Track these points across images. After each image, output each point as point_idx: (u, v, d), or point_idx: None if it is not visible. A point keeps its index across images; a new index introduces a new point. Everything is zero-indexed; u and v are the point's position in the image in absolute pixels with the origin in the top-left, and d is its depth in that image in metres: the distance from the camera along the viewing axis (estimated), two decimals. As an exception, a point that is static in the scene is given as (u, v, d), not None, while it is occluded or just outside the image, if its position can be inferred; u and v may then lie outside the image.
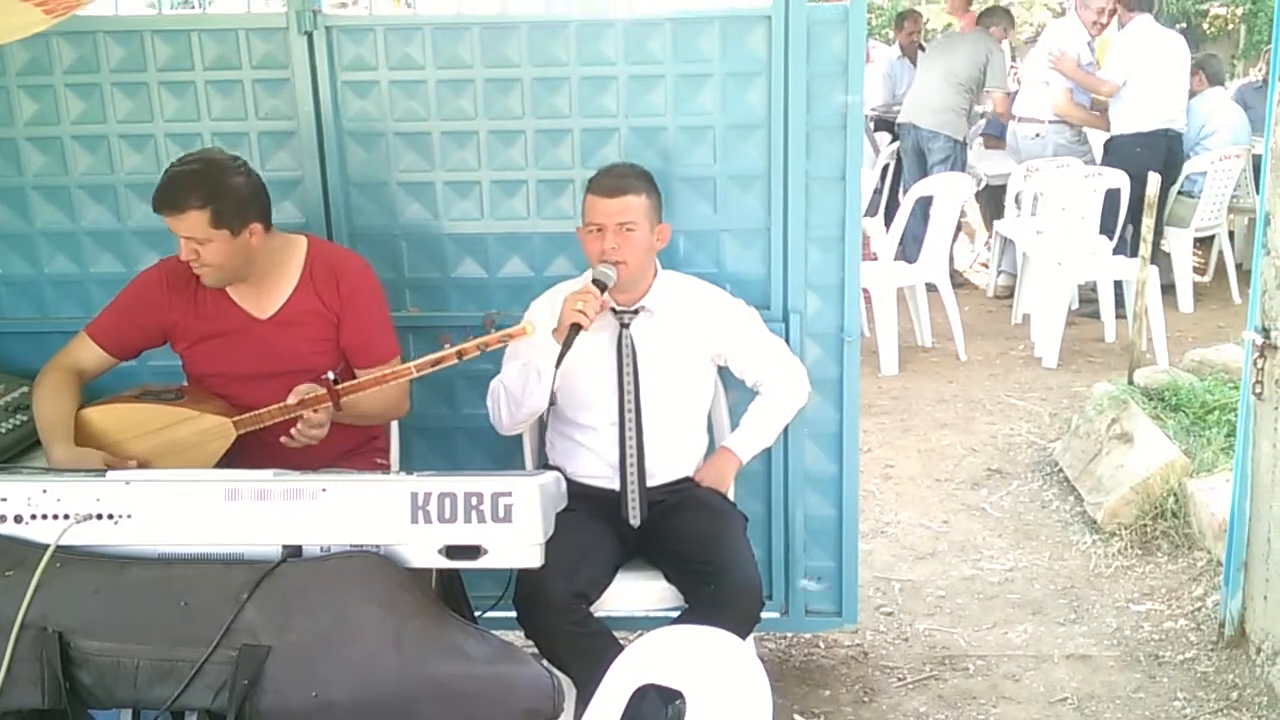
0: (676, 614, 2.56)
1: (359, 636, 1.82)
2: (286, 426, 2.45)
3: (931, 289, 5.89)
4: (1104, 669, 3.14)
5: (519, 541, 1.88)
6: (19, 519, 1.90)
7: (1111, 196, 5.93)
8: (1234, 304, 6.47)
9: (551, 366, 2.53)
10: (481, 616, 2.40)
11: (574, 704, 2.35)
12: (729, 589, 2.48)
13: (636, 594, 2.64)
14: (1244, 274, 6.46)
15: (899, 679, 3.12)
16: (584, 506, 2.53)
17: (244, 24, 2.87)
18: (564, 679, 2.24)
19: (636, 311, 2.70)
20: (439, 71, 2.85)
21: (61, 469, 2.38)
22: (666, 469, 2.74)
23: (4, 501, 1.91)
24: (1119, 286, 5.90)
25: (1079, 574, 3.66)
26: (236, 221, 2.46)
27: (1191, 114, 6.45)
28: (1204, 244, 7.01)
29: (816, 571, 3.09)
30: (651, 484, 2.70)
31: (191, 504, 1.90)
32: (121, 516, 1.90)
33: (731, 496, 2.80)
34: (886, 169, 7.36)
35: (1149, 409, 4.17)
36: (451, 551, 1.88)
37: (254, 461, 2.24)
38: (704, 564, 2.53)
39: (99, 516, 1.90)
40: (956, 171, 6.63)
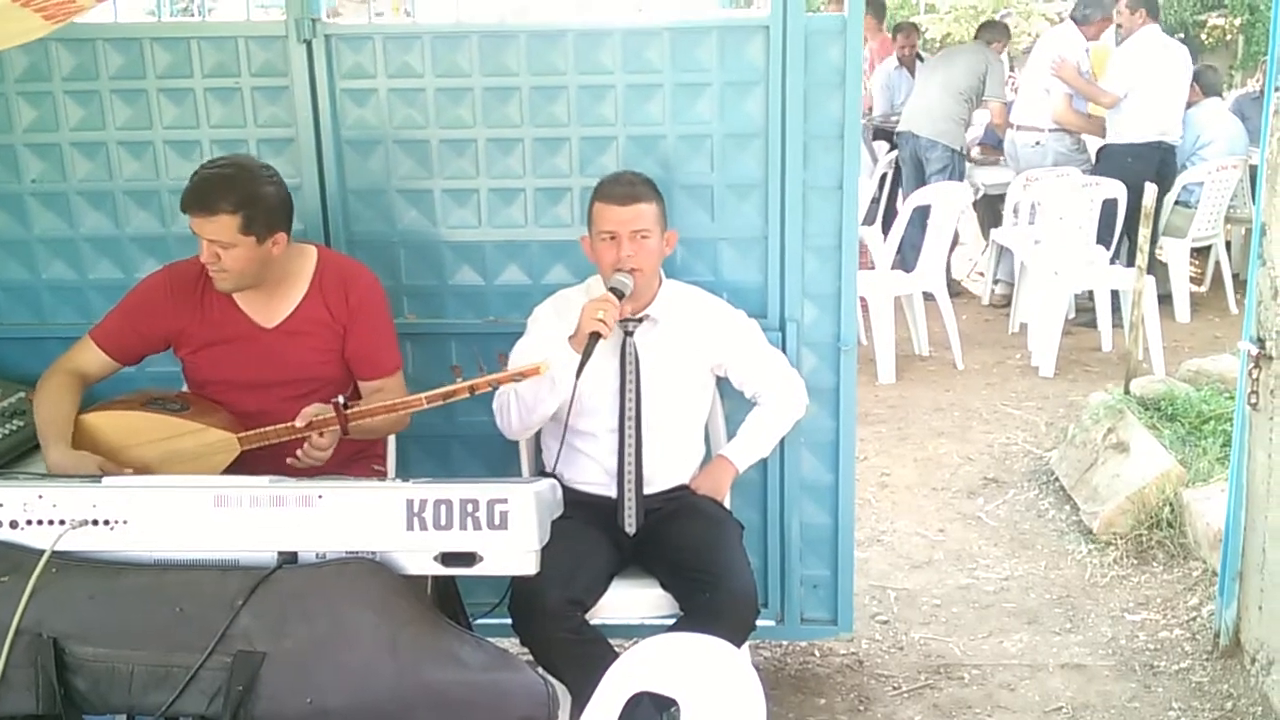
0: (672, 622, 2.56)
1: (354, 643, 1.82)
2: (291, 445, 2.44)
3: (929, 298, 5.90)
4: (1099, 678, 3.14)
5: (514, 549, 1.89)
6: (14, 524, 1.90)
7: (1109, 206, 5.94)
8: (1231, 314, 6.47)
9: (566, 374, 2.51)
10: (475, 622, 2.40)
11: (569, 711, 2.35)
12: (724, 597, 2.48)
13: (632, 601, 2.64)
14: (1240, 284, 6.46)
15: (894, 688, 3.12)
16: (580, 514, 2.53)
17: (243, 32, 2.87)
18: (559, 686, 2.24)
19: (641, 320, 2.69)
20: (438, 80, 2.86)
21: (59, 473, 2.38)
22: (664, 477, 2.74)
23: (0, 507, 1.91)
24: (1116, 296, 5.90)
25: (1074, 583, 3.66)
26: (264, 229, 2.46)
27: (1187, 124, 6.46)
28: (1201, 254, 7.01)
29: (813, 580, 3.10)
30: (648, 492, 2.70)
31: (187, 510, 1.90)
32: (117, 522, 1.90)
33: (728, 505, 2.80)
34: (885, 178, 7.37)
35: (1145, 419, 4.17)
36: (447, 558, 1.89)
37: (254, 474, 2.22)
38: (700, 572, 2.53)
39: (95, 522, 1.90)
40: (954, 181, 6.64)
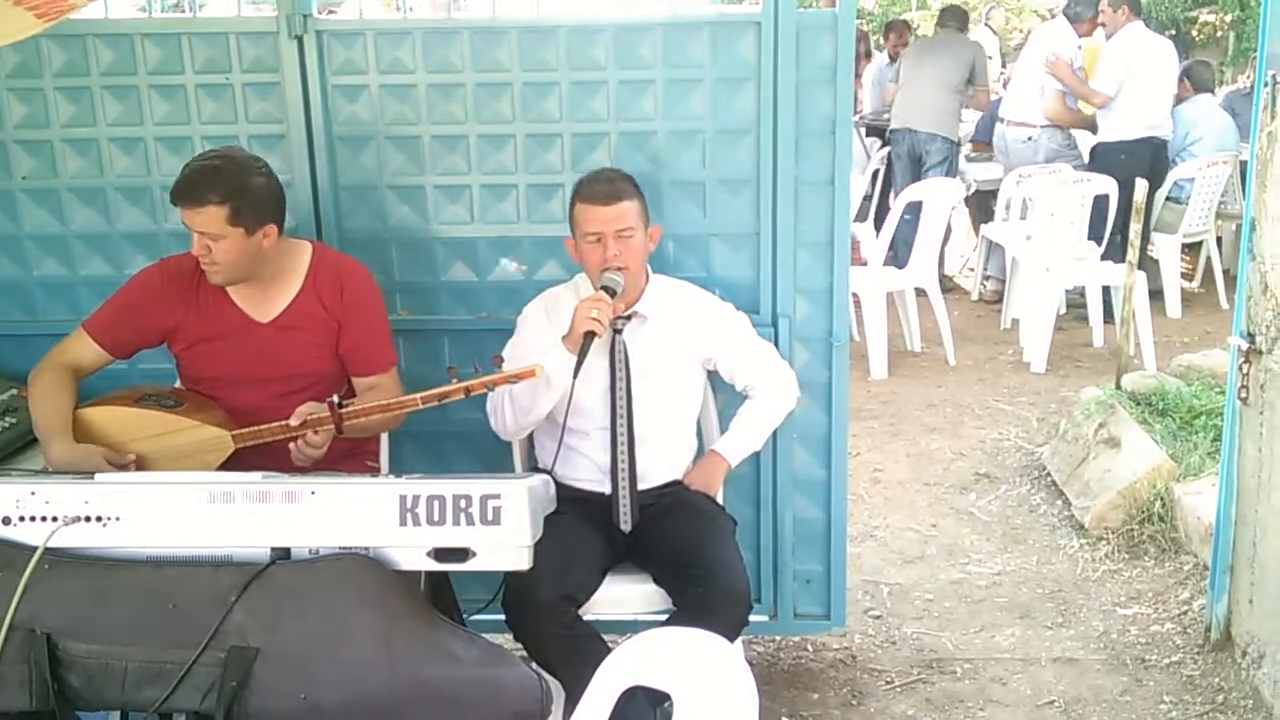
0: (665, 617, 2.56)
1: (348, 639, 1.82)
2: (284, 443, 2.44)
3: (921, 294, 5.91)
4: (1091, 672, 3.15)
5: (507, 544, 1.89)
6: (7, 521, 1.90)
7: (1100, 202, 5.95)
8: (1222, 310, 6.49)
9: (562, 374, 2.52)
10: (469, 618, 2.41)
11: (562, 706, 2.35)
12: (718, 592, 2.49)
13: (625, 597, 2.64)
14: (1231, 280, 6.45)
15: (887, 682, 3.13)
16: (573, 509, 2.53)
17: (234, 28, 2.87)
18: (553, 681, 2.24)
19: (629, 317, 2.69)
20: (429, 76, 2.86)
21: (60, 467, 2.37)
22: (657, 473, 2.75)
23: (-7, 504, 1.91)
24: (1107, 292, 5.92)
25: (1066, 578, 3.67)
26: (253, 221, 2.46)
27: (1177, 120, 6.47)
28: (1193, 250, 7.04)
29: (805, 575, 3.10)
30: (641, 488, 2.71)
31: (180, 506, 1.91)
32: (110, 519, 1.90)
33: (720, 500, 2.81)
34: (877, 174, 7.38)
35: (1136, 414, 4.18)
36: (440, 554, 1.89)
37: (247, 470, 2.22)
38: (693, 567, 2.54)
39: (87, 519, 1.90)
40: (949, 175, 6.65)
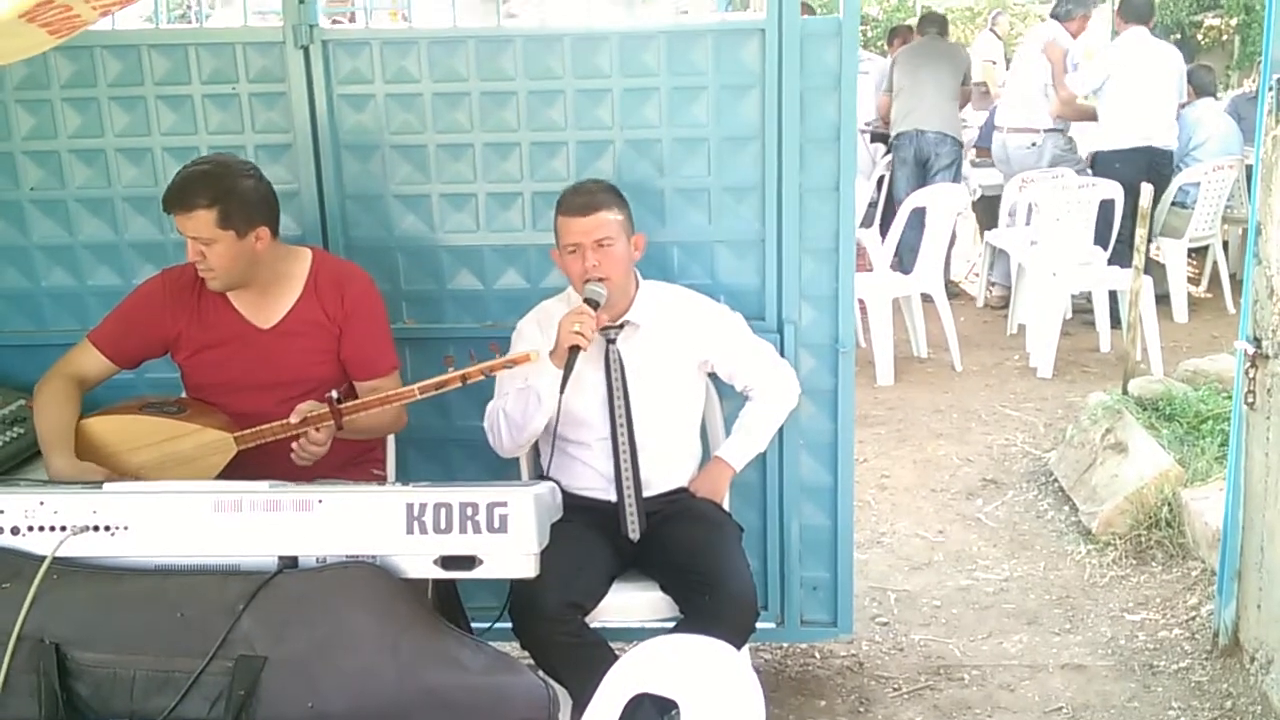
0: (672, 625, 2.57)
1: (355, 647, 1.82)
2: (287, 443, 2.45)
3: (927, 300, 5.90)
4: (1099, 678, 3.14)
5: (514, 552, 1.89)
6: (16, 531, 1.91)
7: (1106, 207, 5.95)
8: (1228, 314, 6.46)
9: (551, 390, 2.53)
10: (478, 629, 2.41)
11: (569, 714, 2.35)
12: (724, 599, 2.49)
13: (632, 604, 2.64)
14: (1238, 284, 6.42)
15: (894, 689, 3.12)
16: (580, 518, 2.53)
17: (241, 38, 2.88)
18: (559, 689, 2.24)
19: (621, 326, 2.69)
20: (434, 85, 2.86)
21: (61, 480, 2.38)
22: (662, 480, 2.75)
23: (1, 514, 1.92)
24: (1114, 297, 5.91)
25: (1074, 584, 3.67)
26: (243, 223, 2.46)
27: (1181, 125, 6.46)
28: (1199, 254, 7.02)
29: (812, 582, 3.10)
30: (647, 494, 2.70)
31: (187, 515, 1.91)
32: (118, 528, 1.91)
33: (727, 507, 2.80)
34: (882, 180, 7.38)
35: (1143, 419, 4.17)
36: (447, 562, 1.90)
37: (252, 475, 2.23)
38: (699, 575, 2.54)
39: (95, 528, 1.91)
40: (956, 178, 6.66)
